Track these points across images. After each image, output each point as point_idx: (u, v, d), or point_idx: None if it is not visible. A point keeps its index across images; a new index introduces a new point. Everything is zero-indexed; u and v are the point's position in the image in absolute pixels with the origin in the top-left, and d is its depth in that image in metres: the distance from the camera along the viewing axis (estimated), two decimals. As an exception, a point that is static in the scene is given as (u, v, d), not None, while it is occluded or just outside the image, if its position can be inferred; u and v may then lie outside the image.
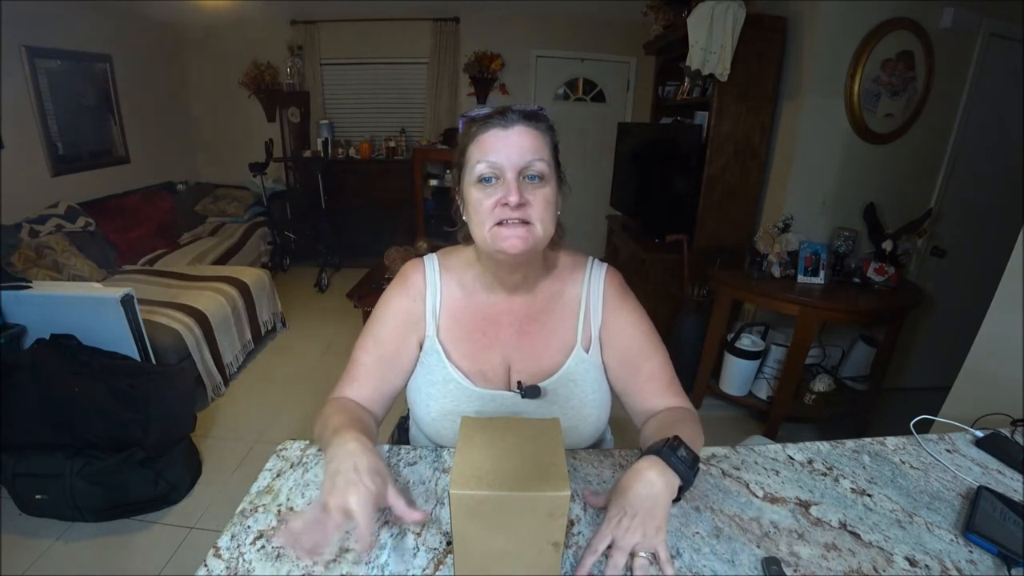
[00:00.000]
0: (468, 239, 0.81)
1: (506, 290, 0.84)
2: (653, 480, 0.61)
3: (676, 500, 0.64)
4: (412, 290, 0.85)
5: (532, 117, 0.74)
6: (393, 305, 0.86)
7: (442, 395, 0.83)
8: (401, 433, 1.07)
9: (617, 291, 0.86)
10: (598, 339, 0.85)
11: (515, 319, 0.84)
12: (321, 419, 0.76)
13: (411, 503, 0.64)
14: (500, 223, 0.71)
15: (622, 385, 0.86)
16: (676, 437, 0.67)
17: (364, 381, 0.82)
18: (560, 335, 0.85)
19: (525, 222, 0.71)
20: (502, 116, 0.73)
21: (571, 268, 0.87)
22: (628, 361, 0.85)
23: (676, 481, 0.62)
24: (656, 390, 0.84)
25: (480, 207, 0.72)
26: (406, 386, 0.88)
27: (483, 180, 0.72)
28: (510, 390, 0.83)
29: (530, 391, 0.81)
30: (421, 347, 0.85)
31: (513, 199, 0.70)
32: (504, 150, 0.71)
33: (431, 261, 0.88)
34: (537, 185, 0.72)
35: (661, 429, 0.75)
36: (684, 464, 0.63)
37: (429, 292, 0.85)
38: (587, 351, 0.84)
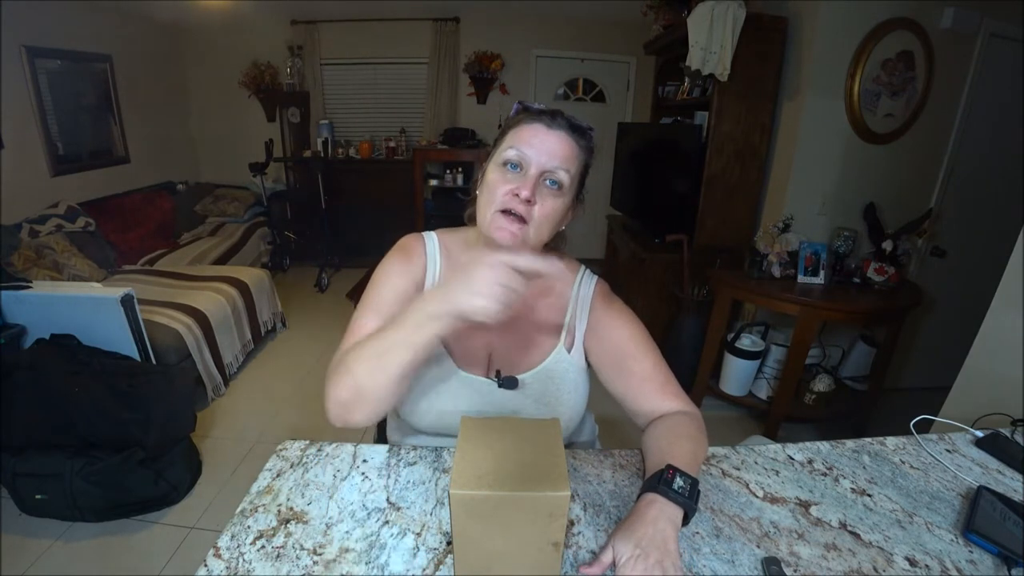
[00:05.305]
0: (473, 219, 0.81)
1: None
2: (656, 518, 0.61)
3: (684, 524, 0.64)
4: (412, 261, 0.85)
5: (578, 130, 0.76)
6: (393, 275, 0.83)
7: (424, 370, 0.81)
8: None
9: (604, 298, 0.88)
10: (582, 342, 0.86)
11: None
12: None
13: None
14: (503, 211, 0.73)
15: (617, 388, 0.86)
16: (670, 468, 0.66)
17: None
18: (545, 331, 0.86)
19: (523, 220, 0.72)
20: (552, 117, 0.75)
21: (564, 271, 0.88)
22: (619, 363, 0.85)
23: (679, 512, 0.62)
24: (652, 391, 0.84)
25: (494, 189, 0.74)
26: None
27: (507, 165, 0.74)
28: (488, 377, 0.83)
29: (508, 382, 0.81)
30: None
31: (524, 193, 0.71)
32: (538, 146, 0.73)
33: (430, 237, 0.88)
34: (551, 192, 0.74)
35: (660, 446, 0.75)
36: (683, 496, 0.63)
37: (429, 265, 0.85)
38: (569, 351, 0.85)
